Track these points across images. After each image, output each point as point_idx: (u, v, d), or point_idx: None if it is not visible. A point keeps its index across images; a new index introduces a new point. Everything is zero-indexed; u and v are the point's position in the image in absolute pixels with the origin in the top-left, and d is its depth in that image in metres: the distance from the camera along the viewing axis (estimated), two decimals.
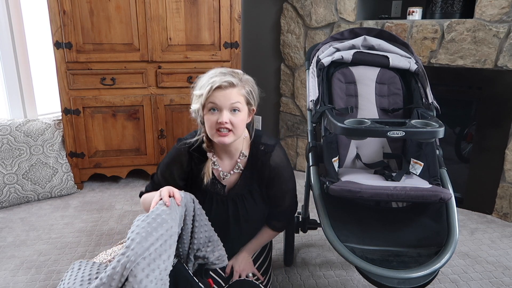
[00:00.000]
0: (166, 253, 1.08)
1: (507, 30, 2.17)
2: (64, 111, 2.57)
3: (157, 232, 1.08)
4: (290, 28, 2.94)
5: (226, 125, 1.31)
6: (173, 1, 2.49)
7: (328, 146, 1.57)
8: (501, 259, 1.97)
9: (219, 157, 1.46)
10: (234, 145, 1.42)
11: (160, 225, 1.10)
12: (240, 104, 1.32)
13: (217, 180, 1.47)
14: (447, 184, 1.44)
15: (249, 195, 1.48)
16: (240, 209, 1.47)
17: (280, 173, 1.47)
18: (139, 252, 1.02)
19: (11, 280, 1.77)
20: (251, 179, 1.47)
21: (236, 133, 1.34)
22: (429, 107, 1.63)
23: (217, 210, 1.46)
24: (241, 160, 1.46)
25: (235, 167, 1.46)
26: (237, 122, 1.32)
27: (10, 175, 2.45)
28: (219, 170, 1.46)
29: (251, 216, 1.50)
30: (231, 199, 1.47)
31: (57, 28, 2.41)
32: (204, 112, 1.34)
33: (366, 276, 1.24)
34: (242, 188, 1.47)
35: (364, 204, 1.50)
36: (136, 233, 1.06)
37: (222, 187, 1.47)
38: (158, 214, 1.13)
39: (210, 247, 1.34)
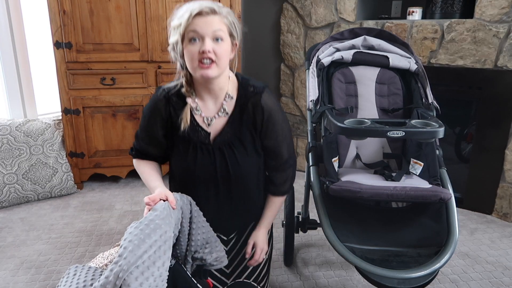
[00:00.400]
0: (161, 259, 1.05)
1: (507, 30, 2.17)
2: (64, 111, 2.57)
3: (151, 238, 1.04)
4: (290, 28, 2.94)
5: (209, 55, 1.17)
6: (173, 1, 2.49)
7: (328, 146, 1.57)
8: (501, 259, 1.97)
9: (202, 99, 1.31)
10: (218, 83, 1.28)
11: (153, 231, 1.06)
12: (223, 33, 1.19)
13: (200, 127, 1.30)
14: (447, 184, 1.44)
15: (239, 143, 1.31)
16: (229, 160, 1.30)
17: (273, 116, 1.32)
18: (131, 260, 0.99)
19: (11, 280, 1.77)
20: (240, 125, 1.30)
21: (220, 65, 1.21)
22: (429, 107, 1.63)
23: (202, 162, 1.30)
24: (227, 103, 1.30)
25: (220, 110, 1.30)
26: (220, 52, 1.19)
27: (10, 175, 2.45)
28: (202, 115, 1.30)
29: (243, 170, 1.32)
30: (218, 149, 1.30)
31: (57, 28, 2.41)
32: (184, 45, 1.20)
33: (366, 276, 1.24)
34: (231, 136, 1.30)
35: (364, 204, 1.50)
36: (129, 240, 1.03)
37: (206, 135, 1.30)
38: (151, 220, 1.09)
39: (207, 248, 1.30)
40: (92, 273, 1.19)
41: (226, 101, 1.30)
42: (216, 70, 1.20)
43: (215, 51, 1.18)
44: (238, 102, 1.31)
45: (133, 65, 2.57)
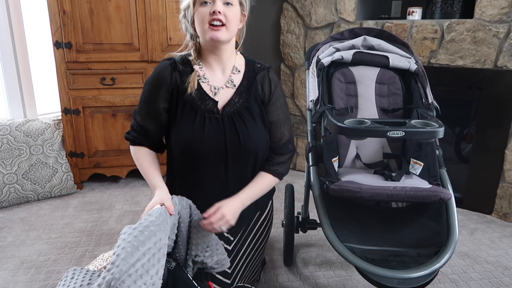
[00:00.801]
0: (154, 268, 1.02)
1: (507, 30, 2.17)
2: (64, 111, 2.57)
3: (144, 246, 1.01)
4: (290, 28, 2.94)
5: (219, 16, 1.20)
6: (173, 1, 2.49)
7: (328, 146, 1.57)
8: (501, 259, 1.97)
9: (209, 68, 1.33)
10: (226, 51, 1.31)
11: (148, 238, 1.03)
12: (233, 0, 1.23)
13: (208, 96, 1.30)
14: (447, 184, 1.44)
15: (248, 113, 1.31)
16: (239, 129, 1.29)
17: (279, 91, 1.38)
18: (124, 268, 0.96)
19: (11, 280, 1.77)
20: (249, 96, 1.32)
21: (229, 28, 1.24)
22: (429, 107, 1.63)
23: (210, 132, 1.28)
24: (235, 75, 1.34)
25: (228, 81, 1.33)
26: (230, 16, 1.22)
27: (10, 175, 2.45)
28: (209, 84, 1.31)
29: (254, 140, 1.31)
30: (227, 117, 1.29)
31: (57, 28, 2.41)
32: (195, 8, 1.23)
33: (366, 276, 1.24)
34: (239, 105, 1.31)
35: (364, 204, 1.50)
36: (122, 248, 1.00)
37: (214, 103, 1.30)
38: (146, 226, 1.06)
39: (208, 252, 1.27)
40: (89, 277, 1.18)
41: (234, 73, 1.34)
42: (225, 34, 1.23)
43: (225, 14, 1.21)
44: (246, 76, 1.35)
45: (133, 65, 2.57)
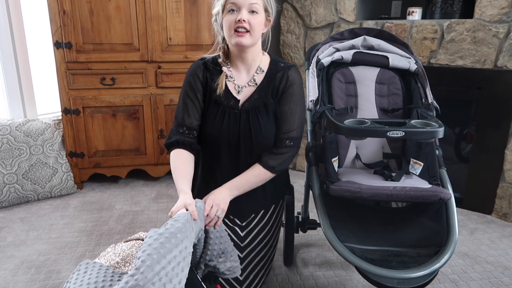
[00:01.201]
0: (178, 277, 1.00)
1: (507, 30, 2.17)
2: (64, 111, 2.57)
3: (171, 253, 1.00)
4: (290, 28, 2.94)
5: (244, 24, 1.33)
6: (173, 1, 2.50)
7: (328, 146, 1.57)
8: (501, 259, 1.97)
9: (236, 69, 1.49)
10: (251, 53, 1.44)
11: (174, 246, 1.02)
12: (258, 6, 1.35)
13: (231, 94, 1.47)
14: (447, 184, 1.44)
15: (263, 108, 1.46)
16: (252, 122, 1.44)
17: (294, 87, 1.48)
18: (148, 276, 0.95)
19: (11, 280, 1.77)
20: (267, 92, 1.46)
21: (253, 35, 1.37)
22: (428, 107, 1.63)
23: (228, 123, 1.44)
24: (258, 75, 1.48)
25: (251, 80, 1.47)
26: (254, 23, 1.35)
27: (10, 175, 2.45)
28: (234, 83, 1.47)
29: (264, 133, 1.45)
30: (245, 112, 1.45)
31: (57, 28, 2.41)
32: (224, 15, 1.37)
33: (366, 276, 1.24)
34: (257, 101, 1.45)
35: (363, 204, 1.50)
36: (148, 254, 0.99)
37: (236, 102, 1.46)
38: (172, 233, 1.05)
39: (222, 258, 1.29)
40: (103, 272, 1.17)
41: (257, 73, 1.48)
42: (249, 39, 1.37)
43: (249, 22, 1.34)
44: (268, 74, 1.48)
45: (133, 65, 2.57)
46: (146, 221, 2.31)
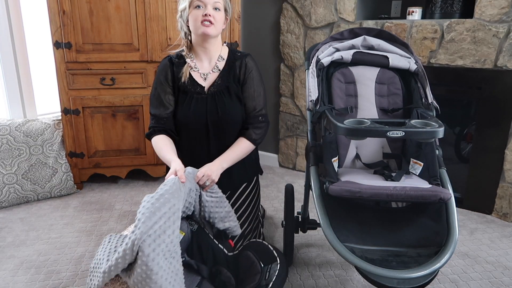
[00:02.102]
0: (171, 228, 1.22)
1: (507, 30, 2.17)
2: (64, 111, 2.57)
3: (160, 211, 1.21)
4: (290, 28, 2.94)
5: (209, 18, 1.56)
6: (172, 1, 2.49)
7: (328, 146, 1.57)
8: (501, 259, 1.97)
9: (199, 59, 1.70)
10: (214, 45, 1.67)
11: (163, 204, 1.23)
12: (220, 5, 1.59)
13: (197, 82, 1.67)
14: (447, 184, 1.44)
15: (227, 91, 1.68)
16: (218, 104, 1.65)
17: (253, 72, 1.72)
18: (144, 230, 1.17)
19: (10, 280, 1.77)
20: (228, 77, 1.69)
21: (217, 27, 1.60)
22: (428, 107, 1.63)
23: (196, 106, 1.65)
24: (219, 62, 1.70)
25: (214, 67, 1.69)
26: (218, 18, 1.59)
27: (10, 175, 2.45)
28: (199, 72, 1.69)
29: (229, 113, 1.66)
30: (210, 96, 1.67)
31: (56, 28, 2.41)
32: (190, 11, 1.59)
33: (366, 276, 1.24)
34: (221, 85, 1.68)
35: (363, 204, 1.50)
36: (142, 213, 1.21)
37: (202, 88, 1.67)
38: (161, 195, 1.26)
39: (217, 218, 1.50)
40: (122, 239, 1.37)
41: (219, 60, 1.70)
42: (214, 30, 1.59)
43: (214, 16, 1.57)
44: (228, 61, 1.71)
45: (132, 65, 2.57)
46: None
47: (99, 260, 1.32)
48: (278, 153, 3.26)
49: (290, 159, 3.17)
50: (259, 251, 1.50)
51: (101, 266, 1.29)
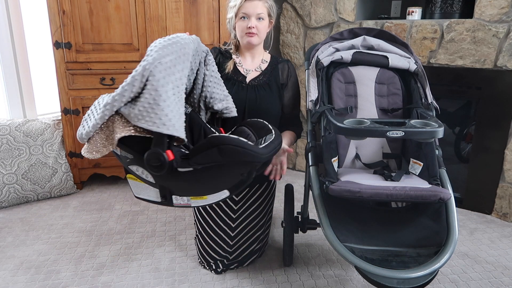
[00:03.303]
0: (180, 65, 1.23)
1: (507, 30, 2.17)
2: (64, 111, 2.56)
3: (172, 47, 1.23)
4: (290, 28, 2.94)
5: (253, 30, 1.70)
6: (172, 1, 2.49)
7: (328, 146, 1.57)
8: (501, 259, 1.97)
9: (244, 58, 1.84)
10: (257, 49, 1.83)
11: (174, 43, 1.25)
12: (264, 15, 1.72)
13: (240, 72, 1.81)
14: (447, 184, 1.44)
15: (267, 86, 1.81)
16: (257, 94, 1.78)
17: (294, 77, 1.88)
18: (156, 57, 1.17)
19: (10, 280, 1.77)
20: (270, 76, 1.83)
21: (260, 36, 1.75)
22: (428, 107, 1.63)
23: (236, 93, 1.74)
24: (263, 64, 1.85)
25: (257, 67, 1.84)
26: (261, 27, 1.73)
27: (10, 175, 2.45)
28: (243, 67, 1.83)
29: (268, 104, 1.79)
30: (252, 87, 1.79)
31: (56, 28, 2.41)
32: (236, 20, 1.73)
33: (366, 276, 1.24)
34: (262, 81, 1.81)
35: (363, 204, 1.50)
36: (154, 46, 1.22)
37: (243, 77, 1.80)
38: (173, 37, 1.29)
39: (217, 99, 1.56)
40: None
41: (262, 63, 1.85)
42: (257, 39, 1.75)
43: (257, 27, 1.72)
44: (270, 64, 1.86)
45: (132, 65, 2.55)
46: (146, 221, 2.31)
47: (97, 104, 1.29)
48: None
49: (290, 159, 3.17)
50: (255, 126, 1.56)
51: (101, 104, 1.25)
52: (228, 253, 1.80)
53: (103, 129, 1.27)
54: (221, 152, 1.19)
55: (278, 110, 1.84)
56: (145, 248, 2.02)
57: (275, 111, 1.83)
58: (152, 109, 1.14)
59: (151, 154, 1.18)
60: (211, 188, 1.33)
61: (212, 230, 1.78)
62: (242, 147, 1.20)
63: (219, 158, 1.20)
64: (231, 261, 1.81)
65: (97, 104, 1.33)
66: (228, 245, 1.78)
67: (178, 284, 1.74)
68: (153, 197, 1.38)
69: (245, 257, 1.83)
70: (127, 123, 1.22)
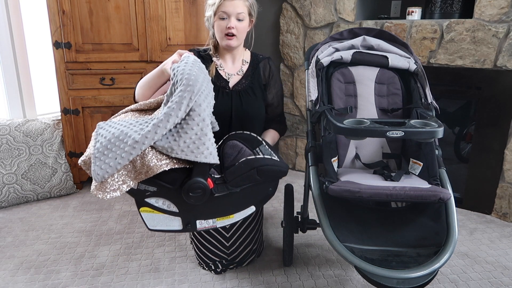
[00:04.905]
0: (211, 92, 1.28)
1: (506, 30, 2.17)
2: (63, 111, 2.56)
3: (201, 73, 1.25)
4: (290, 28, 2.94)
5: (232, 30, 1.64)
6: (172, 1, 2.49)
7: (327, 146, 1.57)
8: (500, 259, 1.97)
9: (224, 60, 1.80)
10: (237, 50, 1.78)
11: (200, 69, 1.27)
12: (244, 14, 1.67)
13: (222, 77, 1.77)
14: (446, 184, 1.44)
15: (251, 90, 1.79)
16: (243, 100, 1.76)
17: (276, 75, 1.86)
18: (198, 86, 1.17)
19: (10, 280, 1.77)
20: (253, 78, 1.80)
21: (240, 37, 1.70)
22: (428, 107, 1.63)
23: (221, 101, 1.73)
24: (244, 66, 1.82)
25: (239, 70, 1.80)
26: (241, 28, 1.68)
27: (9, 175, 2.45)
28: (224, 71, 1.79)
29: (253, 109, 1.78)
30: (235, 93, 1.77)
31: (56, 28, 2.41)
32: (215, 19, 1.67)
33: (366, 276, 1.24)
34: (245, 85, 1.78)
35: (363, 204, 1.50)
36: (188, 73, 1.19)
37: (226, 83, 1.77)
38: (195, 61, 1.30)
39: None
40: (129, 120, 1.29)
41: (243, 64, 1.82)
42: (236, 41, 1.70)
43: (237, 27, 1.66)
44: (251, 64, 1.83)
45: (132, 65, 2.57)
46: None
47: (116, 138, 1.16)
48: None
49: (290, 159, 3.17)
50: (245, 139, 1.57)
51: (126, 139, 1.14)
52: (226, 254, 1.78)
53: (126, 165, 1.18)
54: (260, 173, 1.31)
55: (263, 113, 1.85)
56: (145, 248, 2.02)
57: (261, 115, 1.83)
58: (199, 140, 1.14)
59: (194, 184, 1.18)
60: (240, 207, 1.38)
61: (207, 233, 1.76)
62: (277, 166, 1.36)
63: (258, 178, 1.31)
64: (230, 261, 1.81)
65: (104, 138, 1.22)
66: (224, 246, 1.77)
67: (178, 284, 1.74)
68: (174, 226, 1.34)
69: (243, 258, 1.83)
70: (161, 156, 1.16)
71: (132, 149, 1.12)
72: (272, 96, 1.86)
